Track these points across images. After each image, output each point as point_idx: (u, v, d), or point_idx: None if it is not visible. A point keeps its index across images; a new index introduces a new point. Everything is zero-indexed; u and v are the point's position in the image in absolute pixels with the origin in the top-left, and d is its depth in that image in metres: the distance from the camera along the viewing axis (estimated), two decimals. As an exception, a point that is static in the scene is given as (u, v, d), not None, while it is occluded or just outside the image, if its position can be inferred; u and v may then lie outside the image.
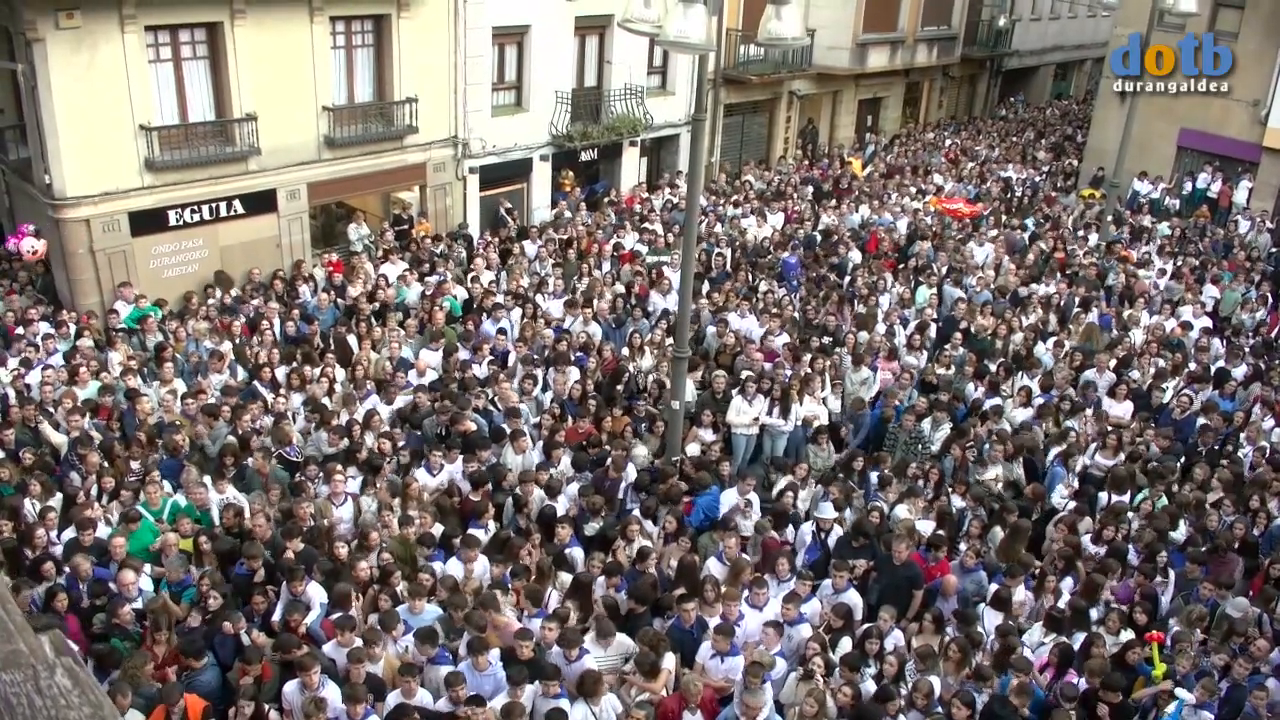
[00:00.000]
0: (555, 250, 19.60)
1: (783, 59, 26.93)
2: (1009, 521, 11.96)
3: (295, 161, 18.47)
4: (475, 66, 20.76)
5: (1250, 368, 16.56)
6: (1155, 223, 25.06)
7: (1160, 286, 20.18)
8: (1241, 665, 9.73)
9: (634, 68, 23.76)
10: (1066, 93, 43.08)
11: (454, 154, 21.10)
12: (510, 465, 12.45)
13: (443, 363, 14.77)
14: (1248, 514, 12.51)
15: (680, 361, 12.51)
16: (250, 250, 18.16)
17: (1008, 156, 31.40)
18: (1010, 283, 19.42)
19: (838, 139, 31.53)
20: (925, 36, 31.94)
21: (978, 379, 15.40)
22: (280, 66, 17.72)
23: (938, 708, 9.01)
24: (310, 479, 11.66)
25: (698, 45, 9.60)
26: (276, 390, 13.70)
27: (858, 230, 22.41)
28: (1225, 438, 14.45)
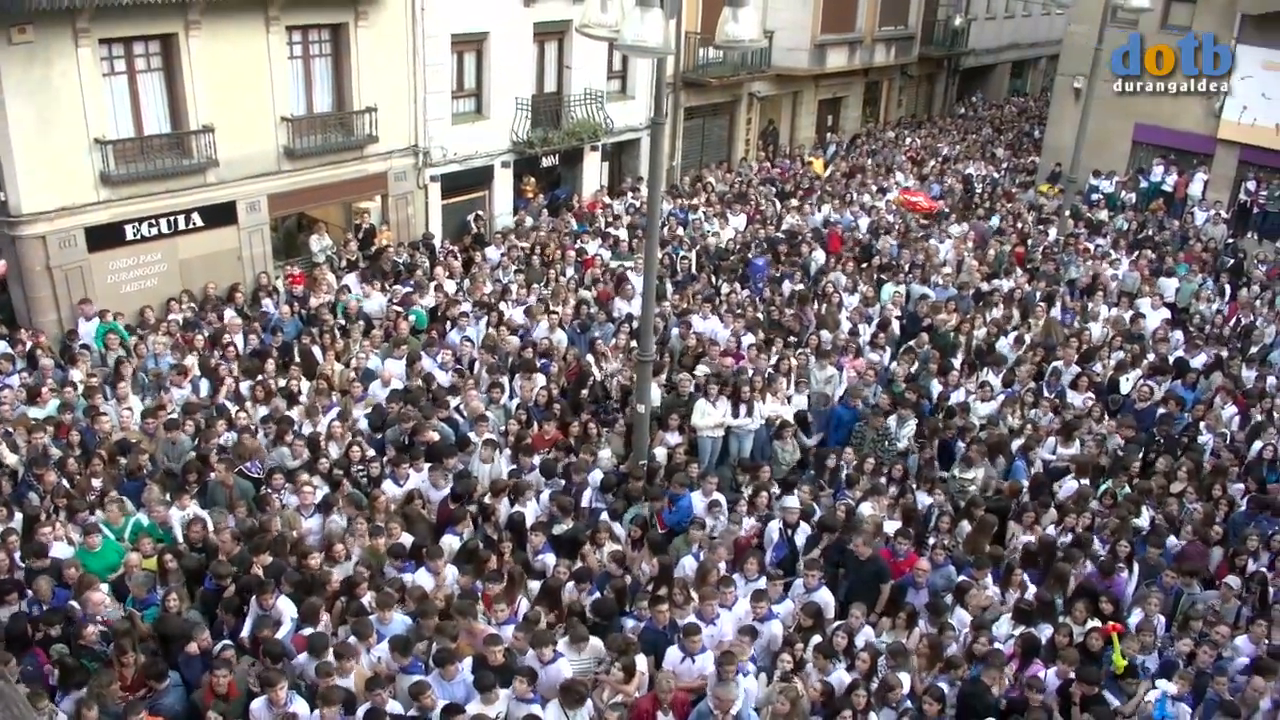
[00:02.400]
0: (519, 257, 19.56)
1: (742, 61, 27.05)
2: (975, 516, 12.06)
3: (254, 173, 18.31)
4: (434, 74, 20.69)
5: (1210, 357, 16.79)
6: (1112, 216, 25.39)
7: (1119, 279, 20.43)
8: (1206, 653, 9.86)
9: (593, 73, 23.79)
10: (1023, 90, 43.57)
11: (415, 163, 21.01)
12: (478, 473, 12.44)
13: (406, 371, 14.70)
14: (1209, 501, 12.69)
15: (645, 365, 12.52)
16: (211, 263, 17.98)
17: (968, 154, 31.71)
18: (973, 279, 19.59)
19: (799, 139, 31.70)
20: (883, 36, 32.19)
21: (941, 375, 15.53)
22: (237, 77, 17.57)
23: (908, 703, 9.07)
24: (275, 491, 11.56)
25: (656, 49, 9.61)
26: (241, 404, 13.58)
27: (820, 230, 22.52)
28: (1186, 427, 14.65)
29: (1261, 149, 25.88)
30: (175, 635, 9.44)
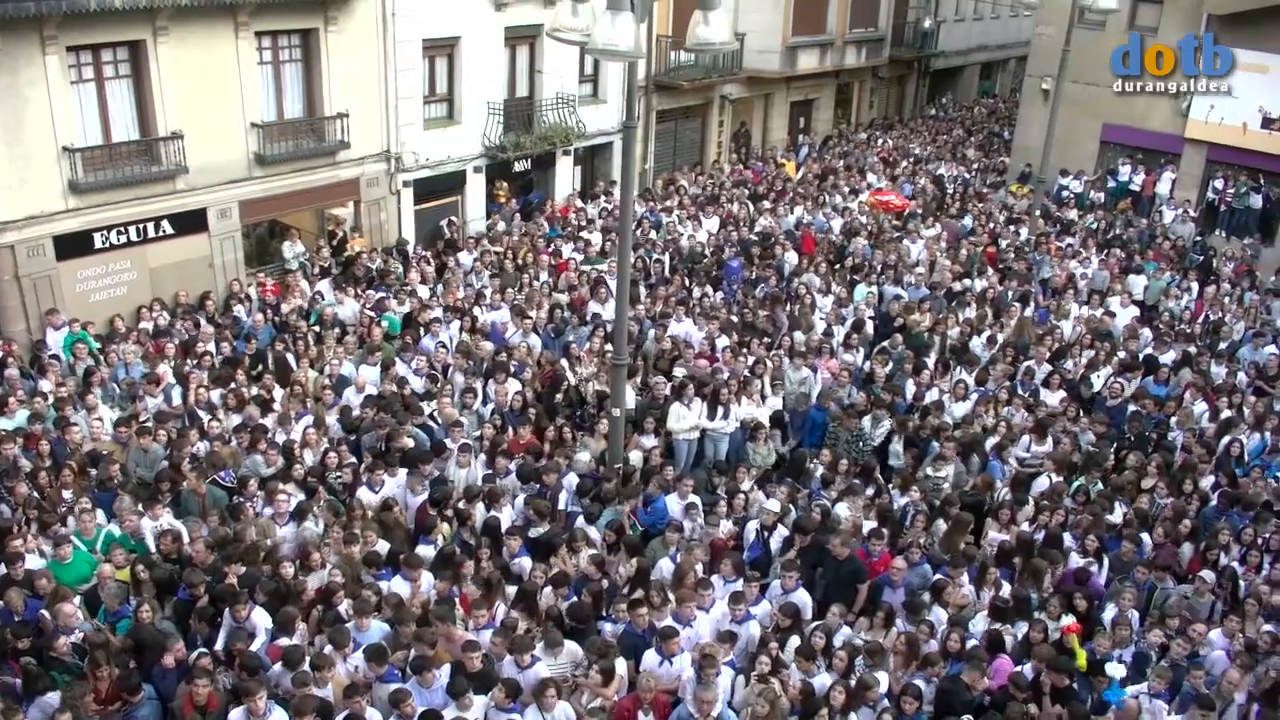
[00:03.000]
0: (492, 262, 19.53)
1: (713, 64, 27.11)
2: (950, 514, 12.14)
3: (225, 180, 18.20)
4: (406, 80, 20.63)
5: (1179, 354, 16.95)
6: (1081, 215, 25.62)
7: (1088, 277, 20.62)
8: (1180, 645, 9.96)
9: (565, 77, 23.78)
10: (992, 91, 43.88)
11: (387, 168, 20.93)
12: (454, 479, 12.41)
13: (380, 377, 14.64)
14: (1180, 497, 12.82)
15: (619, 369, 12.52)
16: (182, 271, 17.85)
17: (939, 155, 31.91)
18: (945, 279, 19.71)
19: (771, 141, 31.80)
20: (854, 39, 32.35)
21: (915, 375, 15.61)
22: (206, 83, 17.46)
23: (885, 701, 9.11)
24: (249, 499, 11.48)
25: (627, 53, 9.62)
26: (213, 412, 13.48)
27: (793, 231, 22.60)
28: (1157, 423, 14.79)
29: (1229, 147, 26.13)
30: (149, 646, 9.37)
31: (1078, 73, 25.23)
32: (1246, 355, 17.48)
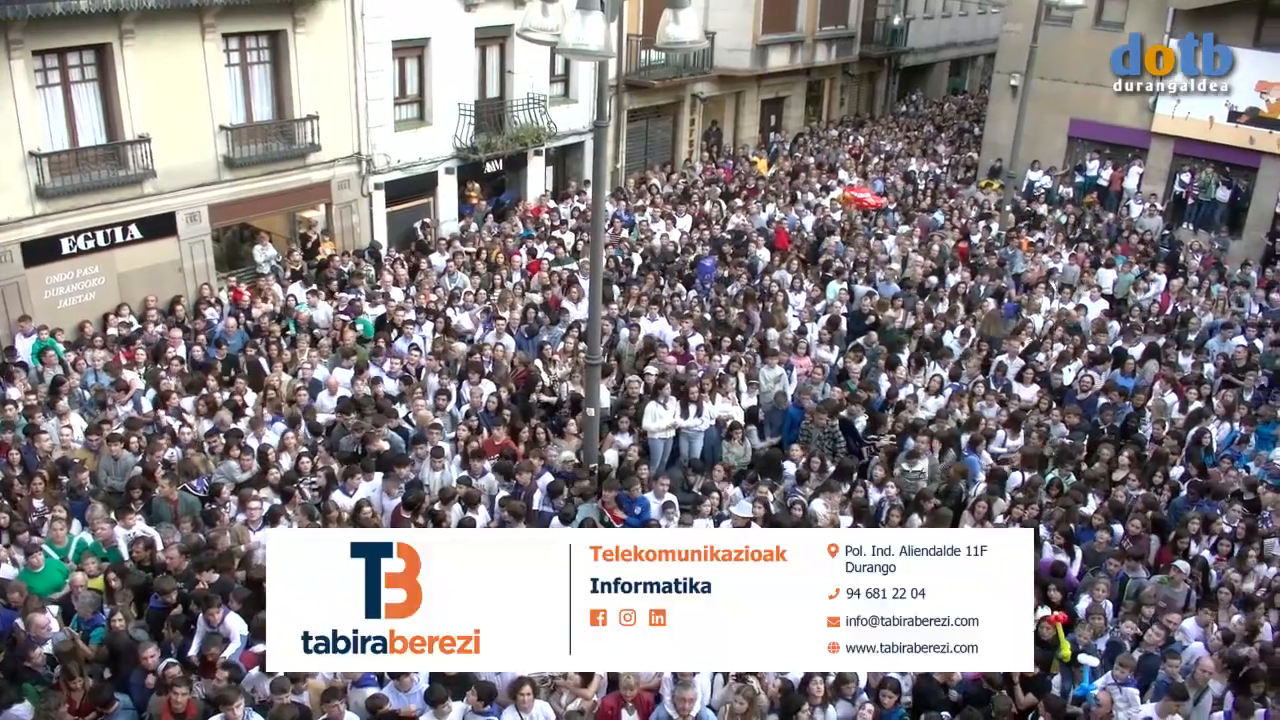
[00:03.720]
0: (465, 263, 19.47)
1: (684, 62, 27.13)
2: (926, 509, 12.20)
3: (194, 183, 18.07)
4: (376, 81, 20.54)
5: (1148, 346, 17.12)
6: (1051, 210, 25.83)
7: (1059, 272, 20.79)
8: (1154, 635, 10.06)
9: (536, 77, 23.75)
10: (961, 88, 44.16)
11: (358, 170, 20.84)
12: (429, 482, 12.37)
13: (354, 380, 14.56)
14: (1151, 488, 12.95)
15: (593, 368, 12.52)
16: (151, 276, 17.70)
17: (909, 151, 32.07)
18: (916, 275, 19.81)
19: (742, 140, 31.85)
20: (824, 36, 32.45)
21: (889, 370, 15.69)
22: (173, 86, 17.33)
23: (864, 694, 9.15)
24: (222, 505, 11.40)
25: (597, 52, 9.61)
26: (181, 418, 13.35)
27: (765, 228, 22.66)
28: (1128, 415, 14.93)
29: (1195, 141, 26.40)
30: (124, 655, 9.28)
31: (1045, 69, 25.38)
32: (1215, 347, 17.67)
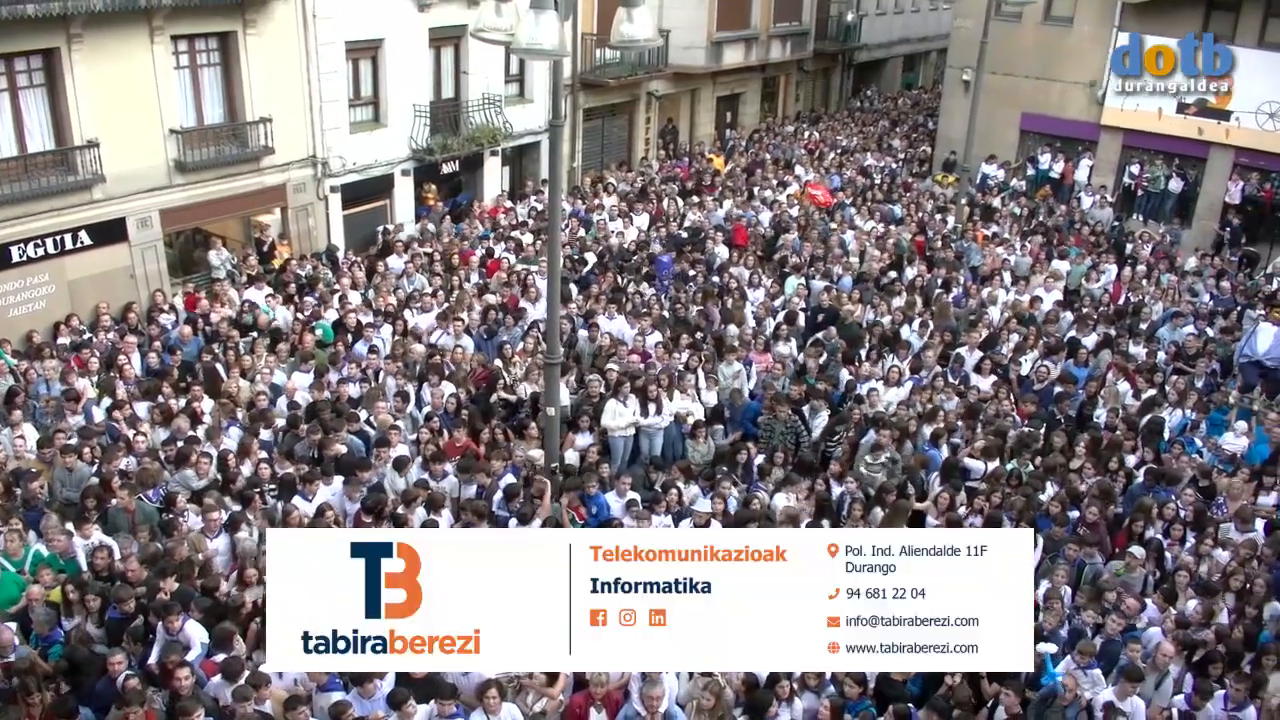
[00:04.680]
0: (423, 265, 19.36)
1: (639, 61, 27.15)
2: (888, 501, 12.30)
3: (144, 188, 17.82)
4: (330, 83, 20.36)
5: (1100, 336, 17.36)
6: (1006, 203, 26.12)
7: (1012, 263, 21.03)
8: (1114, 621, 10.21)
9: (491, 77, 23.66)
10: (915, 83, 44.51)
11: (314, 173, 20.66)
12: (392, 485, 12.30)
13: (313, 385, 14.44)
14: (1107, 475, 13.14)
15: (552, 368, 12.51)
16: (102, 283, 17.44)
17: (865, 146, 32.30)
18: (872, 269, 19.96)
19: (698, 137, 31.92)
20: (778, 33, 32.59)
21: (848, 364, 15.79)
22: (122, 90, 17.08)
23: (830, 686, 9.21)
24: (179, 514, 11.26)
25: (551, 51, 9.61)
26: (136, 426, 13.16)
27: (723, 225, 22.74)
28: (1083, 403, 15.13)
29: (1144, 133, 26.81)
30: (85, 667, 9.16)
31: (996, 63, 25.68)
32: (1166, 335, 17.95)
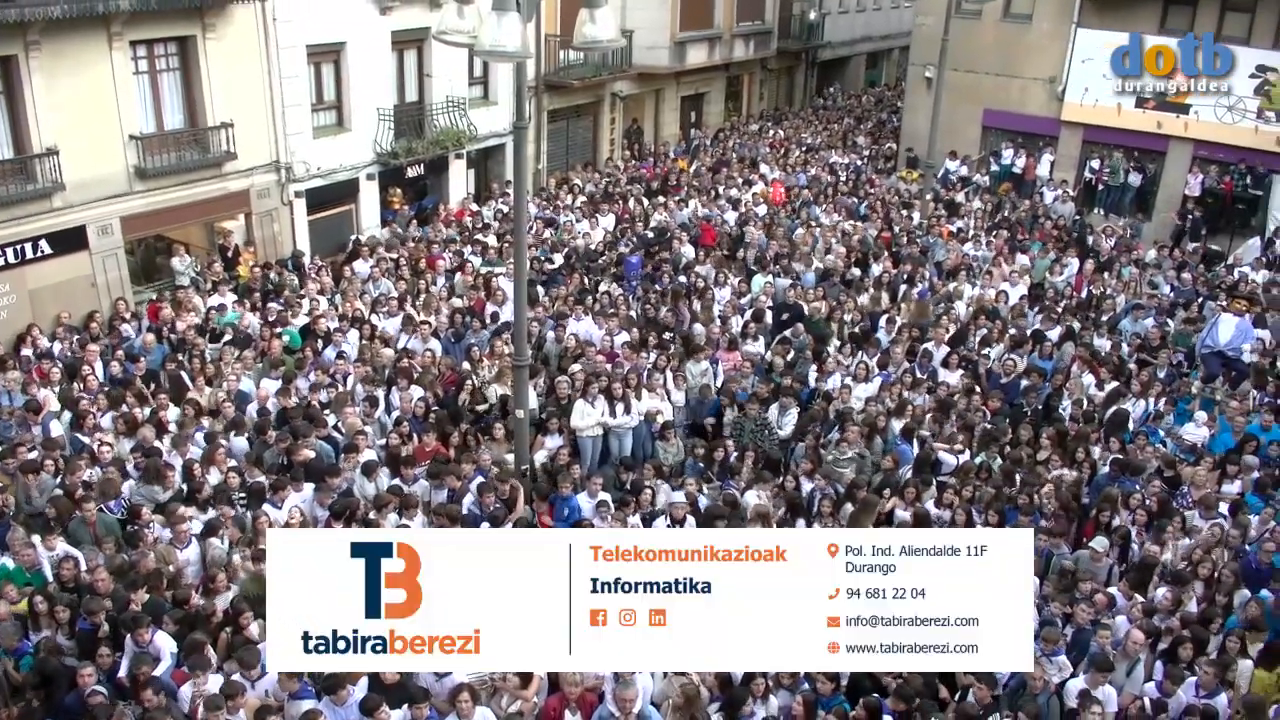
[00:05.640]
0: (389, 269, 19.25)
1: (603, 61, 27.15)
2: (858, 497, 12.36)
3: (104, 195, 17.63)
4: (292, 87, 20.22)
5: (1064, 329, 17.54)
6: (969, 198, 26.34)
7: (979, 258, 21.20)
8: (1084, 610, 10.32)
9: (455, 80, 23.59)
10: (879, 80, 44.77)
11: (278, 179, 20.51)
12: (363, 490, 12.23)
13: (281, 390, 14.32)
14: (1073, 466, 13.28)
15: (521, 370, 12.49)
16: (63, 292, 17.22)
17: (830, 143, 32.45)
18: (838, 266, 20.05)
19: (663, 137, 31.96)
20: (741, 32, 32.71)
21: (816, 361, 15.87)
22: (81, 97, 16.89)
23: (805, 684, 9.25)
24: (145, 525, 11.14)
25: (514, 53, 9.58)
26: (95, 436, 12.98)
27: (688, 224, 22.77)
28: (1049, 396, 15.28)
29: (1103, 128, 27.08)
30: (56, 680, 9.05)
31: (957, 60, 25.89)
32: (1128, 327, 18.15)
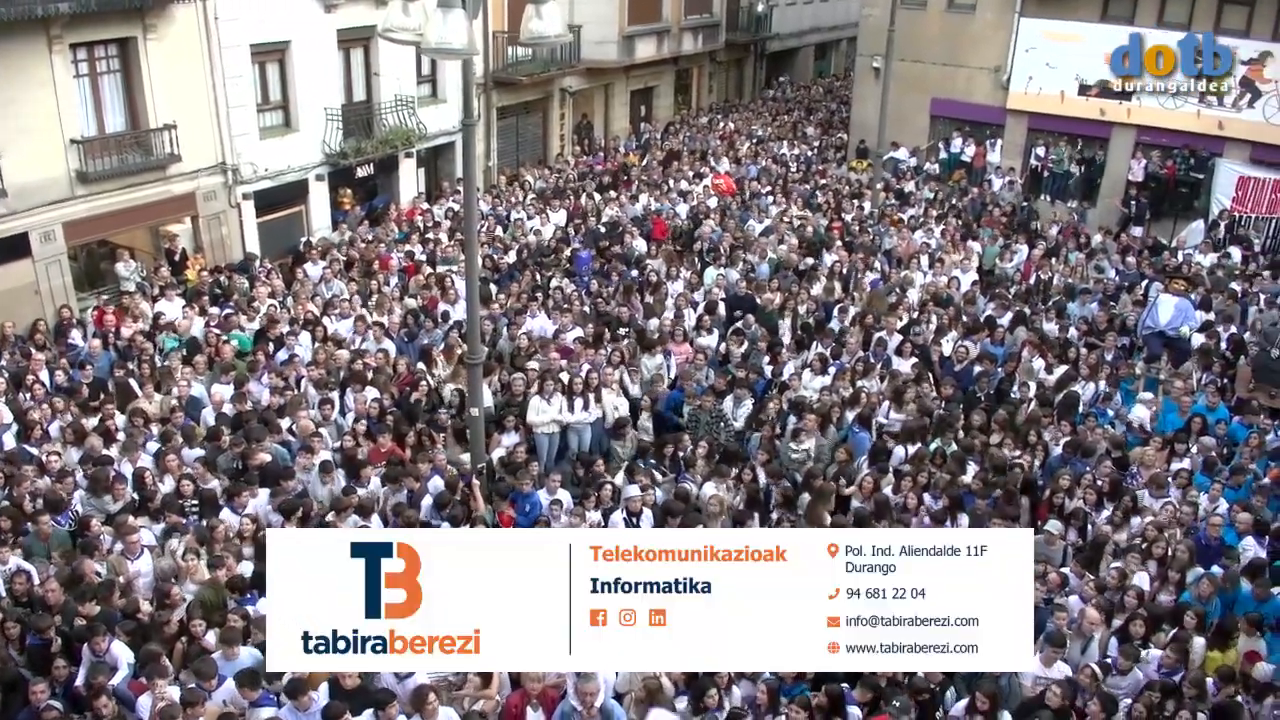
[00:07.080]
0: (340, 270, 19.07)
1: (551, 57, 27.07)
2: (813, 486, 12.44)
3: (45, 201, 17.34)
4: (236, 87, 19.98)
5: (1014, 314, 17.76)
6: (920, 187, 26.58)
7: (931, 247, 21.40)
8: (1037, 590, 10.44)
9: (403, 78, 23.43)
10: (828, 71, 45.02)
11: (225, 181, 20.25)
12: (318, 494, 12.13)
13: (235, 395, 14.16)
14: (1026, 449, 13.46)
15: (475, 367, 12.44)
16: (6, 300, 16.90)
17: (779, 135, 32.59)
18: (790, 259, 20.15)
19: (613, 131, 31.94)
20: (690, 25, 32.77)
21: (770, 352, 15.94)
22: (20, 101, 16.61)
23: (766, 672, 9.29)
24: (95, 537, 10.96)
25: (460, 50, 9.52)
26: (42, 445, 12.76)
27: (640, 219, 22.79)
28: (1000, 380, 15.47)
29: (1048, 115, 27.43)
30: (12, 688, 8.90)
31: (905, 51, 26.11)
32: (1074, 311, 18.41)
